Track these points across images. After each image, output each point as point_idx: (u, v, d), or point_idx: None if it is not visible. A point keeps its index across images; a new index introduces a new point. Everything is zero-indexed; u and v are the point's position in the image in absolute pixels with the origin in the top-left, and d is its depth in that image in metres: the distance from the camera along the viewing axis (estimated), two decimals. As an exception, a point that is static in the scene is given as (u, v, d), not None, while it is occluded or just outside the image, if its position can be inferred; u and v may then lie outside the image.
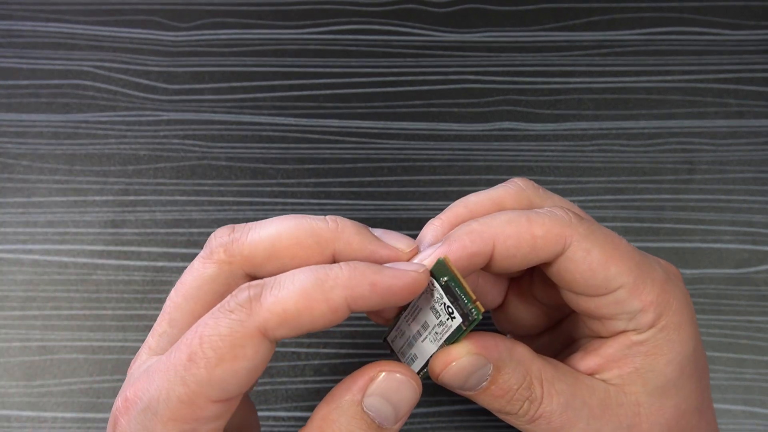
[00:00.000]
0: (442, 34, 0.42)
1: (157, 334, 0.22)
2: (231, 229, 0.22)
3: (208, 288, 0.22)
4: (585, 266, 0.22)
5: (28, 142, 0.39)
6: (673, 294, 0.23)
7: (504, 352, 0.22)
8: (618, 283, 0.23)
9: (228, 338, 0.19)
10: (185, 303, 0.22)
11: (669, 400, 0.23)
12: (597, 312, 0.24)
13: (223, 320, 0.19)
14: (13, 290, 0.36)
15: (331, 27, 0.42)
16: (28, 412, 0.34)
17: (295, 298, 0.19)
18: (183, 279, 0.22)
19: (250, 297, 0.20)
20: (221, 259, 0.22)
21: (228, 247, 0.22)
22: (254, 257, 0.22)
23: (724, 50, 0.42)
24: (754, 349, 0.35)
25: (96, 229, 0.37)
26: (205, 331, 0.19)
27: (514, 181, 0.26)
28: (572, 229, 0.22)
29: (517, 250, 0.22)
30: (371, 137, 0.40)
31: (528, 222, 0.22)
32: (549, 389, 0.22)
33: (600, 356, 0.24)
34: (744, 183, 0.39)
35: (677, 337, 0.23)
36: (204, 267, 0.22)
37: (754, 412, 0.34)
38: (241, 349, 0.19)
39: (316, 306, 0.19)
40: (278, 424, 0.34)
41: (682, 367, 0.23)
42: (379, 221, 0.38)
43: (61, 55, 0.41)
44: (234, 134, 0.40)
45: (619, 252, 0.23)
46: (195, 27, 0.42)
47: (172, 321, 0.22)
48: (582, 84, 0.41)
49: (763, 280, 0.37)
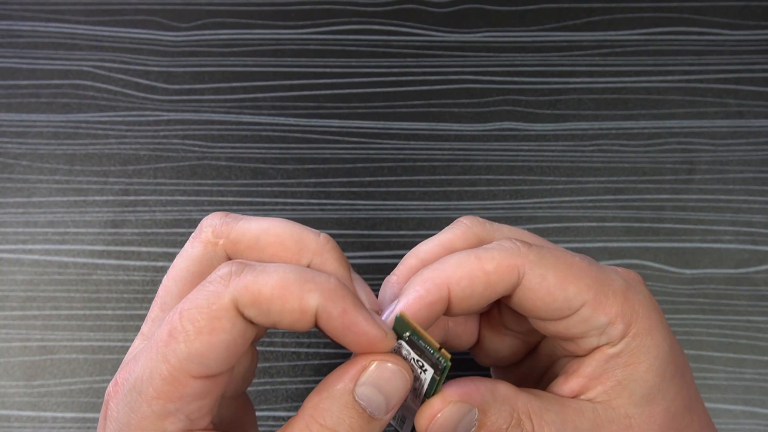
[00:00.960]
0: (442, 34, 0.42)
1: (150, 320, 0.23)
2: (224, 214, 0.23)
3: (195, 269, 0.22)
4: (543, 291, 0.23)
5: (28, 142, 0.39)
6: (637, 301, 0.23)
7: (486, 393, 0.22)
8: (579, 302, 0.23)
9: (205, 309, 0.19)
10: (175, 286, 0.23)
11: (657, 406, 0.23)
12: (567, 333, 0.24)
13: (202, 292, 0.20)
14: (13, 290, 0.36)
15: (331, 27, 0.42)
16: (28, 411, 0.34)
17: (273, 284, 0.20)
18: (174, 263, 0.23)
19: (231, 272, 0.20)
20: (208, 239, 0.23)
21: (216, 228, 0.23)
22: (238, 242, 0.22)
23: (724, 50, 0.42)
24: (754, 349, 0.35)
25: (96, 229, 0.38)
26: (185, 305, 0.20)
27: (460, 221, 0.26)
28: (523, 257, 0.23)
29: (473, 290, 0.22)
30: (371, 137, 0.40)
31: (478, 260, 0.23)
32: (539, 422, 0.22)
33: (581, 376, 0.24)
34: (744, 183, 0.39)
35: (651, 342, 0.23)
36: (192, 247, 0.23)
37: (754, 412, 0.34)
38: (218, 321, 0.19)
39: (290, 300, 0.20)
40: (278, 424, 0.34)
41: (663, 371, 0.23)
42: (379, 221, 0.38)
43: (61, 55, 0.41)
44: (234, 134, 0.40)
45: (573, 271, 0.23)
46: (195, 27, 0.42)
47: (164, 305, 0.23)
48: (582, 84, 0.41)
49: (763, 280, 0.37)
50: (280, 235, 0.22)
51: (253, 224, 0.23)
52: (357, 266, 0.37)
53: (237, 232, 0.22)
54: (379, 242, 0.38)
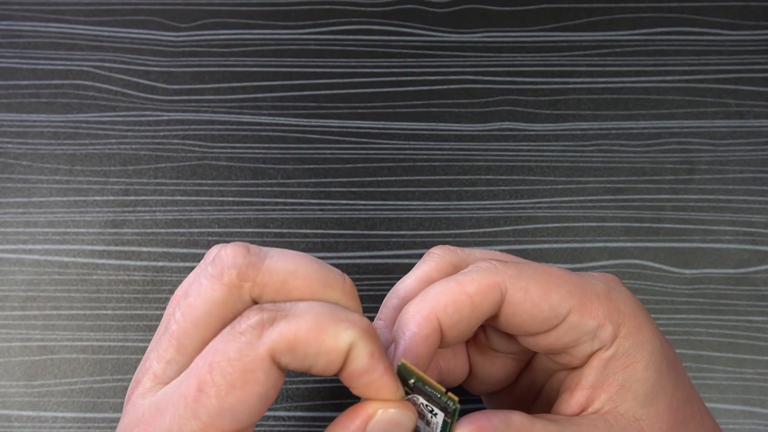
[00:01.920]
0: (442, 34, 0.42)
1: (164, 360, 0.21)
2: (246, 249, 0.21)
3: (218, 312, 0.21)
4: (528, 304, 0.23)
5: (28, 142, 0.39)
6: (620, 301, 0.24)
7: (500, 425, 0.22)
8: (565, 308, 0.23)
9: (238, 363, 0.18)
10: (194, 329, 0.21)
11: (661, 402, 0.24)
12: (558, 344, 0.24)
13: (233, 344, 0.19)
14: (13, 290, 0.36)
15: (331, 27, 0.42)
16: (28, 411, 0.34)
17: (308, 325, 0.19)
18: (191, 302, 0.21)
19: (263, 320, 0.19)
20: (232, 281, 0.20)
21: (242, 270, 0.20)
22: (265, 286, 0.21)
23: (724, 50, 0.42)
24: (753, 349, 0.36)
25: (96, 229, 0.38)
26: (215, 357, 0.19)
27: (431, 252, 0.26)
28: (501, 274, 0.23)
29: (460, 314, 0.22)
30: (371, 137, 0.40)
31: (458, 284, 0.23)
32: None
33: (583, 388, 0.24)
34: (744, 183, 0.39)
35: (643, 339, 0.24)
36: (213, 289, 0.20)
37: (753, 412, 0.34)
38: (251, 374, 0.19)
39: (326, 339, 0.19)
40: (278, 423, 0.34)
41: (659, 366, 0.24)
42: (379, 221, 0.38)
43: (61, 55, 0.41)
44: (234, 134, 0.40)
45: (554, 280, 0.23)
46: (195, 27, 0.42)
47: (181, 347, 0.21)
48: (582, 84, 0.41)
49: (762, 280, 0.37)
50: (307, 279, 0.21)
51: (279, 264, 0.21)
52: (357, 266, 0.37)
53: (264, 275, 0.20)
54: (379, 242, 0.38)
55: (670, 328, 0.36)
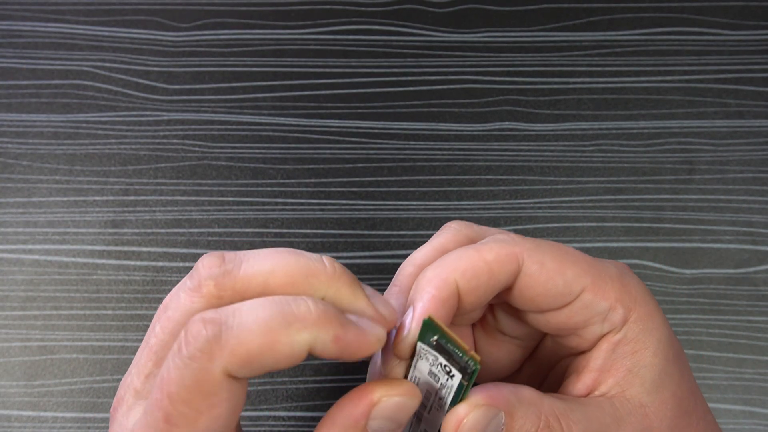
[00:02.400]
0: (442, 34, 0.42)
1: (143, 375, 0.21)
2: (221, 259, 0.20)
3: None
4: (543, 277, 0.23)
5: (28, 142, 0.39)
6: (632, 287, 0.24)
7: (511, 397, 0.22)
8: (579, 286, 0.23)
9: (196, 389, 0.18)
10: (173, 341, 0.20)
11: (666, 391, 0.24)
12: (570, 323, 0.24)
13: (185, 370, 0.18)
14: (13, 290, 0.36)
15: (331, 27, 0.42)
16: (28, 411, 0.34)
17: (259, 339, 0.18)
18: (169, 314, 0.20)
19: (209, 340, 0.18)
20: (210, 292, 0.20)
21: (219, 280, 0.20)
22: (245, 292, 0.20)
23: (724, 50, 0.42)
24: (753, 349, 0.36)
25: (96, 229, 0.38)
26: (171, 387, 0.18)
27: (448, 225, 0.26)
28: (519, 246, 0.23)
29: (478, 280, 0.22)
30: (371, 137, 0.40)
31: (477, 252, 0.23)
32: (567, 423, 0.22)
33: (592, 371, 0.24)
34: (744, 183, 0.39)
35: (653, 326, 0.24)
36: (192, 301, 0.20)
37: (753, 412, 0.34)
38: (214, 396, 0.18)
39: (280, 348, 0.18)
40: (278, 423, 0.34)
41: (666, 354, 0.24)
42: (379, 221, 0.38)
43: (61, 55, 0.41)
44: (234, 134, 0.40)
45: (570, 257, 0.23)
46: (195, 27, 0.42)
47: (160, 361, 0.20)
48: (582, 84, 0.41)
49: (762, 280, 0.37)
50: (288, 274, 0.20)
51: (256, 266, 0.20)
52: (357, 266, 0.37)
53: (242, 281, 0.20)
54: (379, 242, 0.38)
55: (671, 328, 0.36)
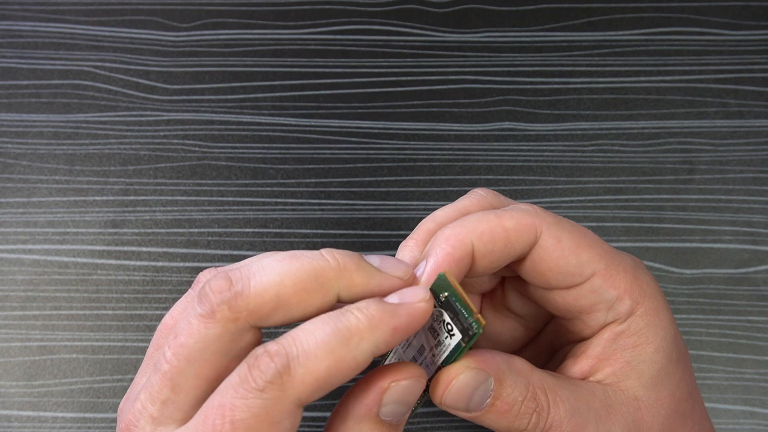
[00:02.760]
0: (442, 34, 0.42)
1: (159, 401, 0.20)
2: (228, 281, 0.20)
3: (214, 348, 0.20)
4: (558, 253, 0.23)
5: (28, 142, 0.39)
6: (644, 281, 0.24)
7: (502, 364, 0.22)
8: (591, 269, 0.23)
9: (265, 418, 0.18)
10: (190, 367, 0.20)
11: (664, 389, 0.24)
12: (575, 305, 0.24)
13: (255, 401, 0.18)
14: (13, 290, 0.36)
15: (331, 27, 0.42)
16: (28, 411, 0.34)
17: (326, 363, 0.19)
18: (183, 341, 0.20)
19: (279, 371, 0.19)
20: (226, 317, 0.20)
21: (232, 304, 0.20)
22: (259, 310, 0.20)
23: (724, 50, 0.42)
24: (753, 349, 0.36)
25: (96, 229, 0.38)
26: (236, 414, 0.18)
27: (474, 191, 0.26)
28: (540, 218, 0.23)
29: (494, 245, 0.23)
30: (371, 137, 0.40)
31: (497, 217, 0.23)
32: (554, 397, 0.22)
33: (589, 357, 0.24)
34: (744, 183, 0.39)
35: (659, 323, 0.24)
36: (207, 327, 0.20)
37: (753, 412, 0.34)
38: (279, 425, 0.19)
39: (346, 365, 0.19)
40: (278, 423, 0.34)
41: (669, 353, 0.24)
42: (379, 221, 0.38)
43: (61, 55, 0.41)
44: (234, 134, 0.40)
45: (587, 240, 0.23)
46: (195, 27, 0.42)
47: (177, 387, 0.20)
48: (582, 84, 0.41)
49: (762, 280, 0.37)
50: (297, 282, 0.20)
51: (264, 281, 0.20)
52: (357, 266, 0.37)
53: (255, 300, 0.20)
54: (379, 242, 0.38)
55: (670, 328, 0.36)
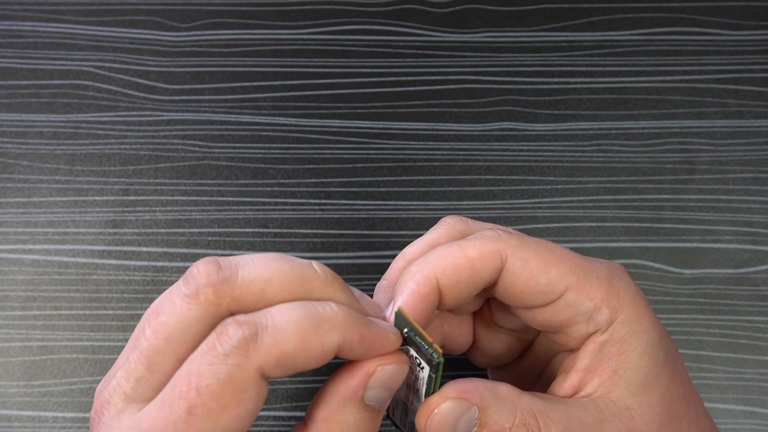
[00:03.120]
0: (442, 34, 0.42)
1: (134, 378, 0.20)
2: (218, 266, 0.20)
3: (193, 330, 0.20)
4: (526, 274, 0.23)
5: (28, 142, 0.39)
6: (622, 288, 0.24)
7: (485, 392, 0.22)
8: (563, 285, 0.23)
9: (229, 384, 0.19)
10: (168, 346, 0.20)
11: (654, 394, 0.24)
12: (554, 320, 0.24)
13: (220, 366, 0.19)
14: (13, 290, 0.36)
15: (331, 27, 0.42)
16: (28, 411, 0.34)
17: (294, 339, 0.19)
18: (164, 320, 0.20)
19: (246, 338, 0.19)
20: (209, 300, 0.20)
21: (217, 287, 0.20)
22: (243, 299, 0.20)
23: (724, 50, 0.42)
24: (753, 349, 0.36)
25: (96, 229, 0.38)
26: (201, 381, 0.19)
27: (444, 221, 0.27)
28: (504, 243, 0.23)
29: (459, 277, 0.23)
30: (371, 137, 0.40)
31: (460, 248, 0.23)
32: (545, 420, 0.22)
33: (577, 371, 0.24)
34: (744, 183, 0.39)
35: (640, 328, 0.24)
36: (189, 308, 0.20)
37: (753, 412, 0.34)
38: (243, 394, 0.19)
39: (312, 347, 0.19)
40: (278, 423, 0.34)
41: (655, 357, 0.24)
42: (379, 221, 0.38)
43: (61, 55, 0.41)
44: (234, 134, 0.40)
45: (555, 256, 0.24)
46: (195, 27, 0.42)
47: (152, 365, 0.20)
48: (582, 84, 0.41)
49: (762, 280, 0.37)
50: (284, 282, 0.21)
51: (253, 274, 0.20)
52: (357, 266, 0.37)
53: (240, 289, 0.20)
54: (379, 242, 0.38)
55: (670, 328, 0.36)
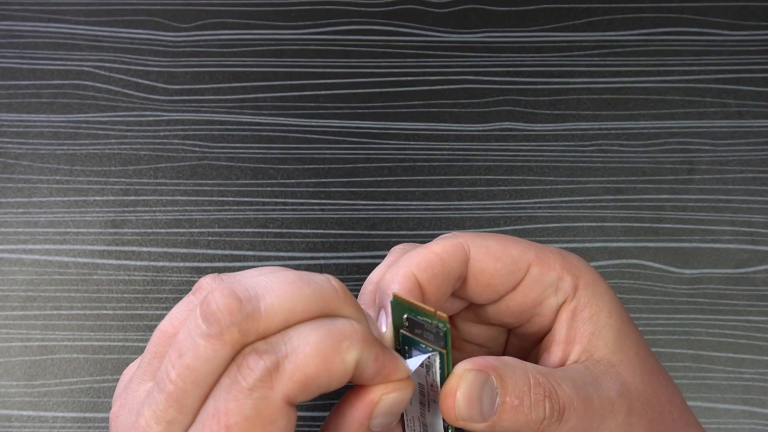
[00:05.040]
0: (442, 34, 0.42)
1: (165, 421, 0.20)
2: (237, 300, 0.19)
3: (220, 369, 0.20)
4: (491, 258, 0.24)
5: (28, 142, 0.39)
6: (573, 257, 0.26)
7: (496, 362, 0.23)
8: (526, 261, 0.25)
9: (257, 419, 0.19)
10: (196, 389, 0.20)
11: (629, 349, 0.25)
12: (526, 301, 0.25)
13: (246, 401, 0.19)
14: (14, 290, 0.36)
15: (331, 27, 0.42)
16: (28, 411, 0.34)
17: (315, 361, 0.19)
18: (189, 363, 0.19)
19: (269, 368, 0.19)
20: (234, 339, 0.19)
21: (242, 327, 0.19)
22: (267, 332, 0.20)
23: (724, 50, 0.42)
24: (753, 349, 0.36)
25: (96, 229, 0.38)
26: (230, 419, 0.18)
27: (394, 249, 0.28)
28: (462, 237, 0.25)
29: (433, 269, 0.24)
30: (371, 137, 0.40)
31: (425, 248, 0.25)
32: (554, 379, 0.23)
33: (558, 343, 0.25)
34: (743, 183, 0.39)
35: (601, 290, 0.25)
36: (215, 349, 0.19)
37: (753, 412, 0.34)
38: (273, 425, 0.19)
39: (334, 367, 0.19)
40: None
41: (620, 315, 0.25)
42: (379, 221, 0.38)
43: (61, 55, 0.41)
44: (234, 134, 0.40)
45: (510, 239, 0.25)
46: (195, 27, 0.42)
47: (183, 408, 0.20)
48: (582, 84, 0.41)
49: (762, 280, 0.37)
50: (306, 310, 0.20)
51: (276, 305, 0.20)
52: (357, 266, 0.37)
53: (265, 324, 0.19)
54: (379, 242, 0.38)
55: (670, 328, 0.36)
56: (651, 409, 0.24)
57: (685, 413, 0.25)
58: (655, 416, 0.24)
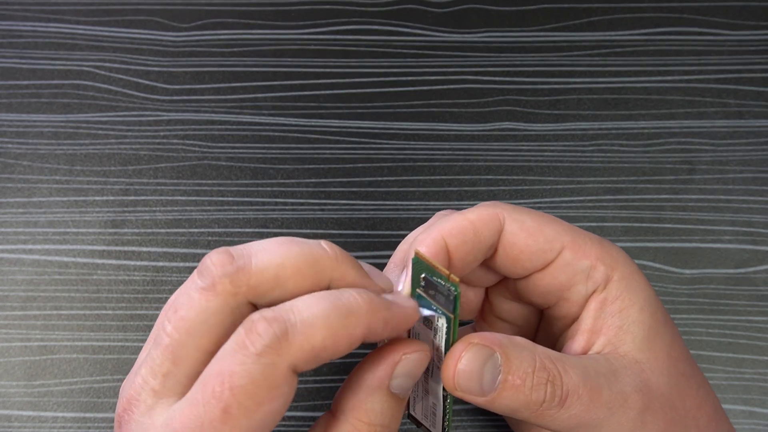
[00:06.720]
0: (442, 34, 0.42)
1: (161, 374, 0.21)
2: (230, 256, 0.21)
3: (214, 321, 0.20)
4: (524, 234, 0.24)
5: (28, 142, 0.39)
6: (613, 248, 0.25)
7: (504, 339, 0.23)
8: (559, 243, 0.24)
9: (263, 383, 0.19)
10: (190, 340, 0.20)
11: (659, 349, 0.24)
12: (555, 283, 0.25)
13: (254, 366, 0.19)
14: (13, 290, 0.36)
15: (331, 27, 0.42)
16: (28, 411, 0.34)
17: (323, 333, 0.19)
18: (183, 314, 0.21)
19: (278, 336, 0.19)
20: (226, 290, 0.20)
21: (233, 277, 0.20)
22: (259, 286, 0.21)
23: (724, 50, 0.42)
24: (753, 349, 0.36)
25: (96, 229, 0.38)
26: (235, 380, 0.19)
27: (437, 213, 0.28)
28: (500, 208, 0.25)
29: (464, 237, 0.24)
30: (371, 137, 0.40)
31: (461, 214, 0.25)
32: (563, 365, 0.23)
33: (583, 332, 0.25)
34: (744, 183, 0.39)
35: (636, 285, 0.25)
36: (207, 300, 0.20)
37: (753, 412, 0.34)
38: (277, 390, 0.19)
39: (341, 340, 0.20)
40: (278, 423, 0.34)
41: (654, 313, 0.24)
42: (379, 221, 0.38)
43: (61, 55, 0.41)
44: (234, 134, 0.40)
45: (547, 218, 0.25)
46: (195, 27, 0.42)
47: (178, 360, 0.21)
48: (582, 84, 0.41)
49: (762, 280, 0.37)
50: (296, 266, 0.21)
51: (266, 260, 0.21)
52: (357, 266, 0.37)
53: (256, 276, 0.20)
54: (379, 242, 0.38)
55: (670, 328, 0.36)
56: (672, 412, 0.23)
57: (714, 421, 0.25)
58: (676, 419, 0.24)
